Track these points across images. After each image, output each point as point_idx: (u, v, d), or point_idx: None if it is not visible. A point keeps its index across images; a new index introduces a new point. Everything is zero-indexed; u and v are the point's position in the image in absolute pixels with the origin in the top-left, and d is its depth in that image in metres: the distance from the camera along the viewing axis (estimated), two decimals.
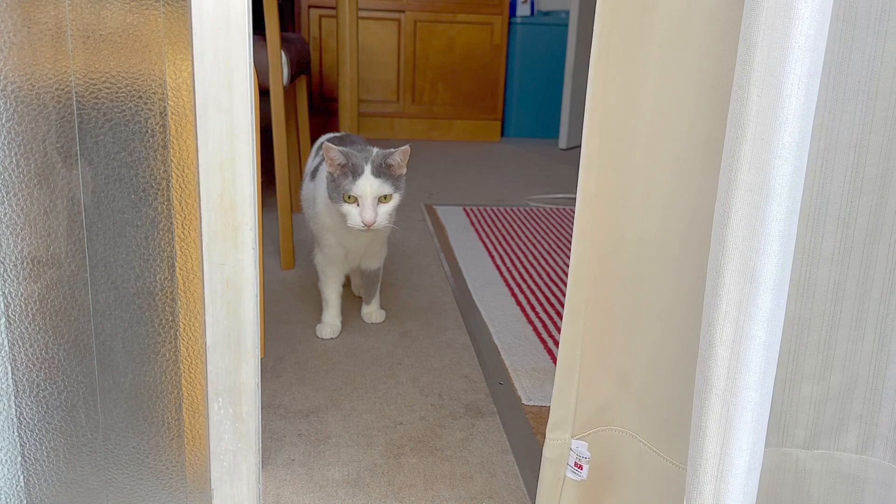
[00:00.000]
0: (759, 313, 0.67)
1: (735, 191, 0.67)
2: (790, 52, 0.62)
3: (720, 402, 0.70)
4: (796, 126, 0.64)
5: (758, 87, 0.64)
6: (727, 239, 0.68)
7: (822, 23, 0.63)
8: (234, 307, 0.77)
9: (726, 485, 0.72)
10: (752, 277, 0.67)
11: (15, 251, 0.74)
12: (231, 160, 0.73)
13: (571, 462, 0.97)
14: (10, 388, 0.78)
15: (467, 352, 1.52)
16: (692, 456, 0.75)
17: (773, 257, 0.66)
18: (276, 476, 1.08)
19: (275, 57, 1.82)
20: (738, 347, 0.69)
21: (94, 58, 0.71)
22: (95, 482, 0.82)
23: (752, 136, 0.65)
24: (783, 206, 0.65)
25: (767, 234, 0.66)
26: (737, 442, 0.70)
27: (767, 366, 0.69)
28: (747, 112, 0.65)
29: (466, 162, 3.58)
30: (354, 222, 1.35)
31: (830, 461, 0.92)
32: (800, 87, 0.63)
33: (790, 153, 0.64)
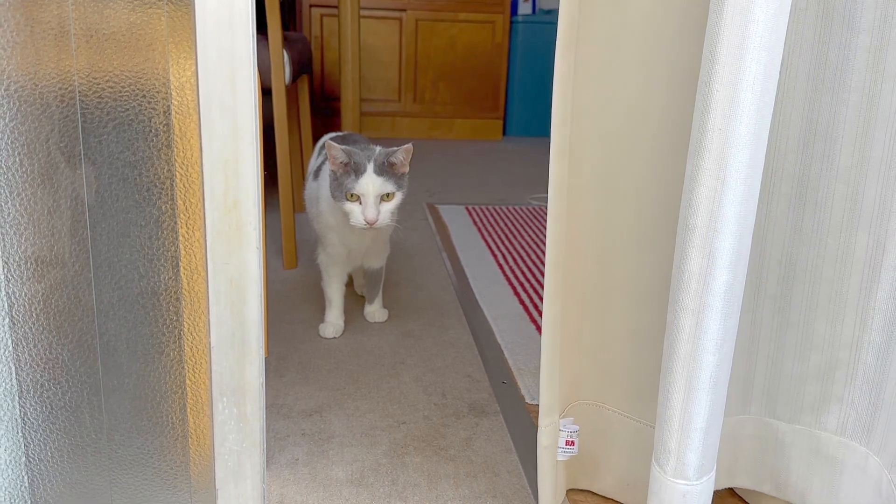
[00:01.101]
0: (716, 286, 0.75)
1: (698, 176, 0.74)
2: (746, 51, 0.68)
3: (683, 364, 0.79)
4: (752, 118, 0.71)
5: (718, 83, 0.70)
6: (689, 218, 0.75)
7: (778, 25, 0.69)
8: (239, 307, 0.77)
9: (687, 438, 0.80)
10: (710, 254, 0.75)
11: (19, 251, 0.74)
12: (235, 159, 0.73)
13: (562, 442, 1.02)
14: (15, 388, 0.77)
15: (470, 351, 1.52)
16: (659, 414, 0.83)
17: (730, 236, 0.74)
18: (280, 476, 1.08)
19: (277, 56, 1.82)
20: (699, 316, 0.77)
21: (98, 57, 0.70)
22: (100, 482, 0.82)
23: (713, 127, 0.71)
24: (739, 190, 0.72)
25: (725, 215, 0.73)
26: (697, 401, 0.79)
27: (725, 333, 0.78)
28: (710, 106, 0.71)
29: (468, 161, 3.58)
30: (357, 220, 1.35)
31: (811, 438, 0.96)
32: (755, 84, 0.69)
33: (746, 143, 0.71)
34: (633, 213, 0.92)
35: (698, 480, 0.83)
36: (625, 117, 0.90)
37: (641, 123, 0.88)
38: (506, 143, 4.12)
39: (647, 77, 0.86)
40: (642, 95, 0.88)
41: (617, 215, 0.94)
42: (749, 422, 0.99)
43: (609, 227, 0.94)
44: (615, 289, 0.96)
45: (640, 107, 0.88)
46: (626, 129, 0.90)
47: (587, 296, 0.98)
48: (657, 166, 0.88)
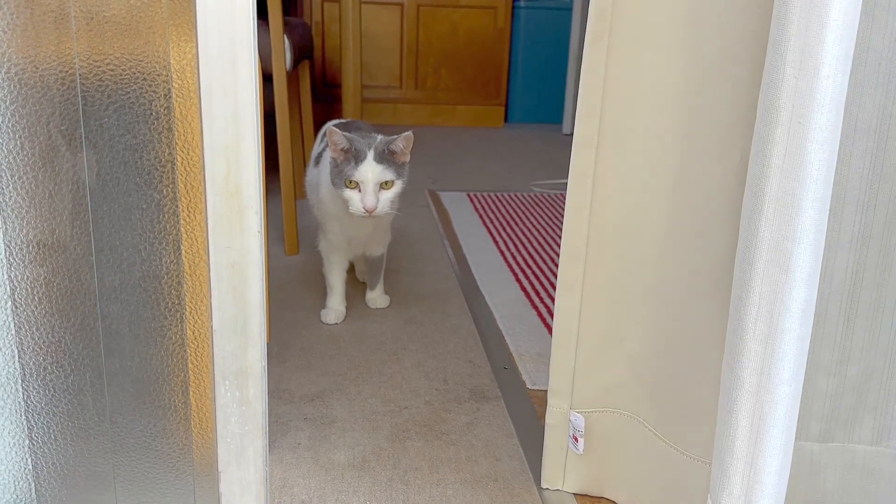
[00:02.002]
0: (793, 306, 0.65)
1: (768, 177, 0.64)
2: (828, 30, 0.59)
3: (752, 398, 0.68)
4: (833, 109, 0.61)
5: (793, 67, 0.61)
6: (760, 228, 0.65)
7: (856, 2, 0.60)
8: (241, 290, 0.77)
9: (759, 483, 0.69)
10: (786, 268, 0.64)
11: (20, 235, 0.74)
12: (236, 143, 0.73)
13: (570, 434, 1.00)
14: (17, 372, 0.78)
15: (472, 337, 1.52)
16: (720, 453, 0.72)
17: (808, 246, 0.64)
18: (283, 460, 1.09)
19: (277, 41, 1.81)
20: (771, 342, 0.66)
21: (98, 40, 0.70)
22: (103, 465, 0.82)
23: (787, 119, 0.62)
24: (819, 192, 0.63)
25: (802, 221, 0.63)
26: (769, 440, 0.68)
27: (800, 360, 0.67)
28: (781, 95, 0.62)
29: (470, 148, 3.57)
30: (356, 208, 1.35)
31: (844, 454, 0.91)
32: (836, 69, 0.60)
33: (826, 137, 0.62)
34: (665, 212, 0.86)
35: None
36: (660, 110, 0.85)
37: (679, 117, 0.83)
38: (507, 129, 4.11)
39: (687, 67, 0.81)
40: (681, 87, 0.82)
41: (651, 211, 0.88)
42: None
43: (642, 227, 0.89)
44: (657, 296, 0.90)
45: (679, 100, 0.83)
46: (665, 123, 0.85)
47: (623, 299, 0.92)
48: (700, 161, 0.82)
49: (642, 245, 0.90)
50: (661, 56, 0.84)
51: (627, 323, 0.93)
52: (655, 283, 0.90)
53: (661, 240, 0.89)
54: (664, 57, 0.84)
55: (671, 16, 0.82)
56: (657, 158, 0.87)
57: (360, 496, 1.02)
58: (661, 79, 0.84)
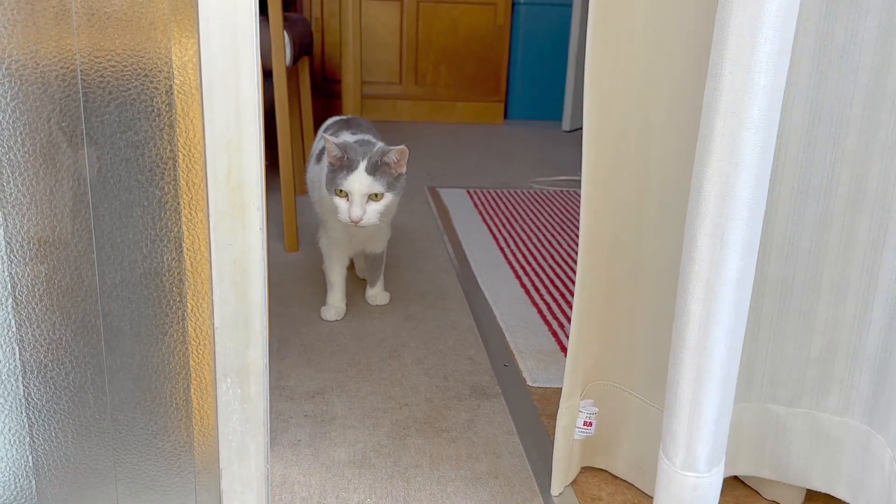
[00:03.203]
0: (728, 274, 0.74)
1: (708, 161, 0.72)
2: (760, 32, 0.67)
3: (693, 354, 0.78)
4: (765, 101, 0.69)
5: (730, 64, 0.69)
6: (700, 205, 0.74)
7: (791, 5, 0.68)
8: (242, 288, 0.77)
9: (698, 430, 0.79)
10: (722, 241, 0.73)
11: (21, 231, 0.73)
12: (238, 139, 0.73)
13: (580, 423, 1.03)
14: (18, 368, 0.78)
15: (472, 334, 1.52)
16: (668, 404, 0.82)
17: (742, 222, 0.72)
18: (283, 457, 1.09)
19: (277, 37, 1.80)
20: (708, 304, 0.75)
21: (99, 36, 0.70)
22: (104, 463, 0.82)
23: (725, 110, 0.70)
24: (752, 174, 0.71)
25: (736, 200, 0.72)
26: (707, 391, 0.78)
27: (736, 322, 0.77)
28: (720, 88, 0.70)
29: (469, 144, 3.56)
30: (343, 217, 1.35)
31: (811, 420, 0.95)
32: (768, 65, 0.68)
33: (759, 126, 0.70)
34: (657, 200, 0.92)
35: (708, 472, 0.81)
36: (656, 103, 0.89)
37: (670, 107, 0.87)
38: (507, 126, 4.11)
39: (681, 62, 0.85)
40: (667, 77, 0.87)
41: (646, 200, 0.93)
42: (749, 409, 1.00)
43: (636, 212, 0.94)
44: (642, 273, 0.96)
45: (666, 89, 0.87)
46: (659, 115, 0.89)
47: (615, 279, 0.98)
48: (683, 152, 0.87)
49: (636, 231, 0.95)
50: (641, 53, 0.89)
51: (613, 300, 1.00)
52: (630, 262, 0.96)
53: (643, 225, 0.94)
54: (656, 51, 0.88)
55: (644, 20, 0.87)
56: (647, 152, 0.92)
57: (360, 493, 1.02)
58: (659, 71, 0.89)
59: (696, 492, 0.82)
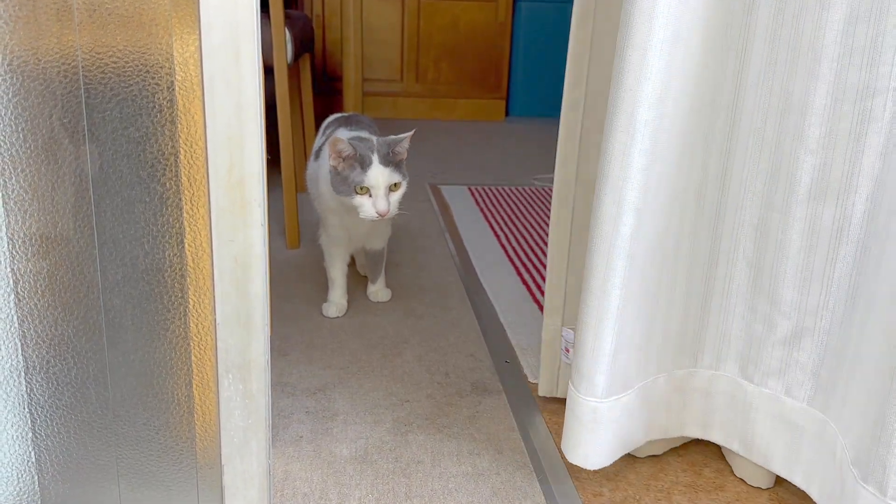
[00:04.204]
0: (623, 230, 0.88)
1: (612, 131, 0.85)
2: (655, 19, 0.80)
3: (594, 300, 0.92)
4: (659, 80, 0.82)
5: (631, 48, 0.82)
6: (604, 170, 0.87)
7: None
8: (244, 284, 0.77)
9: (595, 363, 0.94)
10: (619, 201, 0.87)
11: (23, 228, 0.74)
12: (239, 135, 0.73)
13: (562, 347, 1.16)
14: (21, 365, 0.78)
15: (473, 330, 1.52)
16: (575, 342, 0.97)
17: (637, 184, 0.86)
18: (285, 453, 1.09)
19: (278, 34, 1.80)
20: (608, 256, 0.89)
21: (101, 32, 0.70)
22: (106, 458, 0.83)
23: (626, 87, 0.83)
24: (645, 144, 0.84)
25: (631, 166, 0.85)
26: (604, 329, 0.92)
27: (630, 272, 0.90)
28: (623, 68, 0.83)
29: (471, 141, 3.56)
30: (368, 213, 1.34)
31: (776, 403, 0.99)
32: (662, 49, 0.81)
33: (653, 102, 0.83)
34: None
35: (606, 398, 0.95)
36: None
37: None
38: (508, 123, 4.10)
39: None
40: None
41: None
42: (722, 379, 1.04)
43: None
44: None
45: None
46: None
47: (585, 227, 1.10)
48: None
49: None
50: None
51: None
52: None
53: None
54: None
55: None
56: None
57: (361, 489, 1.02)
58: None
59: (595, 414, 0.96)
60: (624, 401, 0.97)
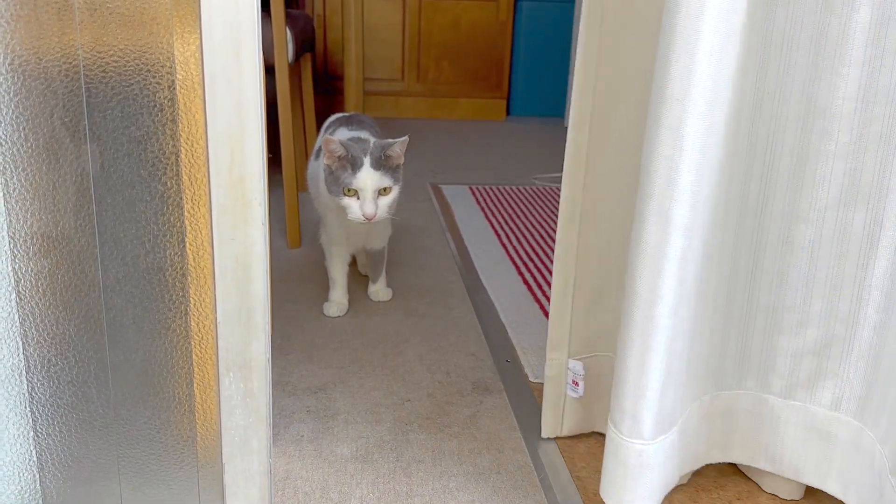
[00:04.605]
0: (672, 253, 0.79)
1: (656, 146, 0.77)
2: (703, 22, 0.72)
3: (639, 330, 0.82)
4: (708, 89, 0.75)
5: (676, 53, 0.74)
6: (648, 187, 0.79)
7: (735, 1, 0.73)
8: (244, 282, 0.77)
9: (643, 399, 0.84)
10: (666, 221, 0.78)
11: (25, 227, 0.74)
12: (240, 134, 0.73)
13: (569, 380, 1.08)
14: (22, 364, 0.78)
15: (474, 330, 1.52)
16: (616, 376, 0.86)
17: (686, 204, 0.78)
18: (286, 452, 1.09)
19: (280, 33, 1.81)
20: (654, 282, 0.80)
21: (102, 31, 0.70)
22: (107, 457, 0.83)
23: (671, 97, 0.75)
24: (695, 159, 0.76)
25: (679, 183, 0.77)
26: (652, 364, 0.82)
27: (680, 298, 0.81)
28: (668, 77, 0.75)
29: (472, 141, 3.56)
30: (355, 215, 1.34)
31: (805, 414, 0.96)
32: (711, 55, 0.74)
33: (702, 112, 0.75)
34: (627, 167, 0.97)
35: (653, 440, 0.86)
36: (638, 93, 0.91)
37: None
38: (509, 122, 4.10)
39: None
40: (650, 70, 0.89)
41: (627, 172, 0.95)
42: (744, 396, 1.00)
43: (631, 187, 0.95)
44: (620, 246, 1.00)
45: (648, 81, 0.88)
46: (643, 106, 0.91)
47: (611, 257, 1.02)
48: None
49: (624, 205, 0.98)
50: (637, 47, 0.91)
51: (613, 276, 1.03)
52: None
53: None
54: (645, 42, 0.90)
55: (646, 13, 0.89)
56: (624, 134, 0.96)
57: (362, 488, 1.02)
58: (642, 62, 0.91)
59: (642, 457, 0.86)
60: (669, 440, 0.89)
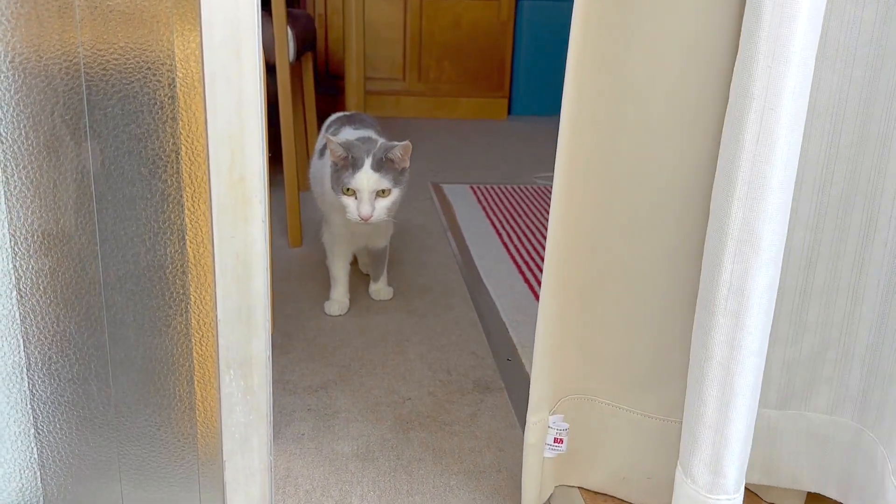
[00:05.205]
0: (761, 282, 0.69)
1: (741, 161, 0.67)
2: (798, 22, 0.63)
3: (721, 369, 0.72)
4: (801, 95, 0.65)
5: (766, 57, 0.64)
6: (732, 209, 0.68)
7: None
8: (245, 280, 0.77)
9: (726, 448, 0.74)
10: (756, 247, 0.68)
11: (25, 224, 0.74)
12: (240, 132, 0.73)
13: (550, 439, 0.97)
14: (23, 361, 0.78)
15: (475, 329, 1.52)
16: (689, 421, 0.76)
17: (777, 227, 0.68)
18: (286, 450, 1.09)
19: (281, 32, 1.81)
20: (741, 316, 0.70)
21: (102, 29, 0.70)
22: (107, 454, 0.83)
23: (760, 106, 0.66)
24: (787, 175, 0.67)
25: (770, 203, 0.67)
26: (737, 407, 0.72)
27: (765, 332, 0.72)
28: (754, 83, 0.65)
29: (473, 140, 3.56)
30: (352, 215, 1.35)
31: (800, 421, 0.94)
32: (805, 58, 0.64)
33: (794, 122, 0.65)
34: (625, 200, 0.88)
35: (737, 493, 0.76)
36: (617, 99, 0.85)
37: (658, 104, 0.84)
38: (511, 122, 4.10)
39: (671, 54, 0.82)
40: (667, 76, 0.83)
41: (611, 201, 0.89)
42: None
43: (603, 214, 0.90)
44: (608, 277, 0.91)
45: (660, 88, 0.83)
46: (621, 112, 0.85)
47: (584, 287, 0.94)
48: (650, 151, 0.84)
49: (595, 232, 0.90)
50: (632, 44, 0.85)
51: (578, 311, 0.94)
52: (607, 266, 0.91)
53: (619, 226, 0.89)
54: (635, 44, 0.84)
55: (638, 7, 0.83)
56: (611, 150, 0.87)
57: (363, 486, 1.02)
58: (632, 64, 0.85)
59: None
60: (742, 488, 0.80)
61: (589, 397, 0.98)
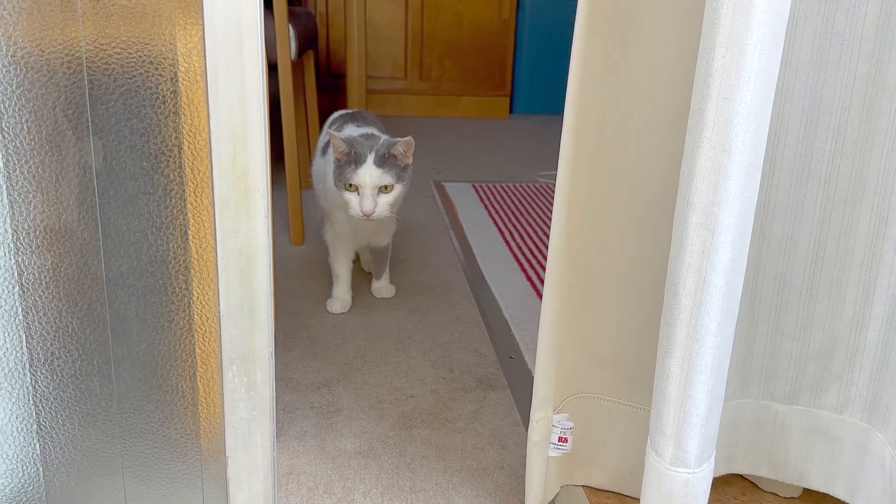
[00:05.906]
0: (719, 264, 0.71)
1: (700, 148, 0.70)
2: (753, 14, 0.64)
3: (682, 347, 0.75)
4: (758, 86, 0.67)
5: (722, 48, 0.66)
6: (692, 194, 0.71)
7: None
8: (248, 275, 0.77)
9: (687, 424, 0.76)
10: (713, 230, 0.71)
11: (28, 220, 0.74)
12: (242, 127, 0.73)
13: (555, 438, 0.97)
14: (25, 357, 0.78)
15: (477, 327, 1.52)
16: (656, 399, 0.79)
17: (734, 211, 0.70)
18: (289, 447, 1.09)
19: (282, 30, 1.80)
20: (699, 296, 0.73)
21: (104, 23, 0.70)
22: (110, 450, 0.83)
23: (717, 95, 0.67)
24: (744, 162, 0.69)
25: (728, 189, 0.69)
26: (697, 384, 0.75)
27: (727, 313, 0.74)
28: (712, 73, 0.67)
29: (475, 139, 3.56)
30: (354, 211, 1.35)
31: (809, 418, 0.94)
32: (762, 50, 0.66)
33: (752, 112, 0.67)
34: (627, 196, 0.88)
35: (699, 468, 0.79)
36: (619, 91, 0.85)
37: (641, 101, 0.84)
38: (512, 120, 4.10)
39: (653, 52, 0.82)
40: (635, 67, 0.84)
41: (613, 198, 0.89)
42: (747, 405, 0.97)
43: (607, 213, 0.90)
44: (612, 273, 0.92)
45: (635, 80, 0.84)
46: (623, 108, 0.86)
47: (588, 285, 0.94)
48: (656, 150, 0.84)
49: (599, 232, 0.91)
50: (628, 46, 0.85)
51: (583, 309, 0.95)
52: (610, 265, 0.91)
53: (620, 224, 0.89)
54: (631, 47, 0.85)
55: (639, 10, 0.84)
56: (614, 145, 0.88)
57: (366, 483, 1.02)
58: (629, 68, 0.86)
59: (687, 487, 0.79)
60: (712, 464, 0.82)
61: (593, 395, 0.98)
